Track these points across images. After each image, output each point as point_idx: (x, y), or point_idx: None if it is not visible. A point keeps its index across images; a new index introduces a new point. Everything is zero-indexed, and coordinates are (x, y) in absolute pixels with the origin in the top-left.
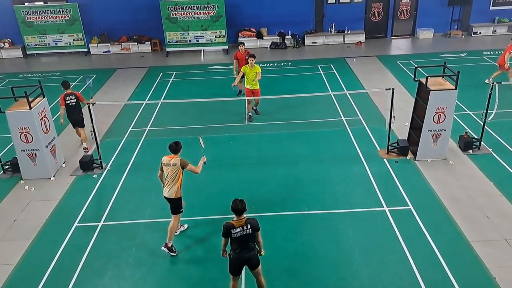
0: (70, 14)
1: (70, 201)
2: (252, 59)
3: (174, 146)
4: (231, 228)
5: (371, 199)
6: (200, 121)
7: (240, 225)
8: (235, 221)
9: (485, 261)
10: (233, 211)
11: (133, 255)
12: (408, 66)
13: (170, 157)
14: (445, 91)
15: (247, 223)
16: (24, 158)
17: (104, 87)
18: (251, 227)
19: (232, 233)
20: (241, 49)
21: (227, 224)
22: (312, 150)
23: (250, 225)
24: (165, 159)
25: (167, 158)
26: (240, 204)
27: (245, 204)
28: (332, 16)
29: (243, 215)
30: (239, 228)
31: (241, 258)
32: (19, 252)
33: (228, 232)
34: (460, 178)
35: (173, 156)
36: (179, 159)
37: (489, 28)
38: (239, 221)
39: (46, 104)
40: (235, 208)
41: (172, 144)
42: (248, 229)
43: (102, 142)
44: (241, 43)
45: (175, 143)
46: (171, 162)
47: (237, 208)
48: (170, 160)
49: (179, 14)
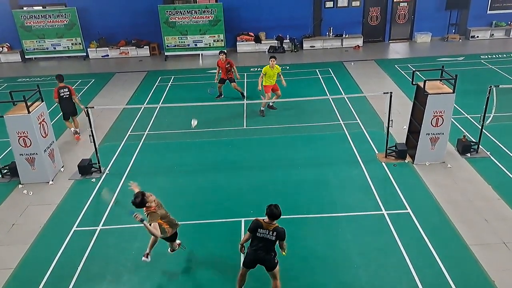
0: (69, 18)
1: (68, 205)
2: (273, 60)
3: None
4: (259, 227)
5: (369, 202)
6: (198, 125)
7: (268, 228)
8: (266, 223)
9: (483, 265)
10: (269, 216)
11: (132, 260)
12: (406, 70)
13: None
14: (443, 95)
15: (274, 230)
16: (23, 162)
17: (103, 91)
18: (276, 235)
19: (258, 232)
20: (222, 57)
21: (257, 221)
22: (310, 154)
23: (277, 233)
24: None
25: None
26: (276, 209)
27: (280, 210)
28: (330, 20)
29: (275, 221)
30: (266, 230)
31: (256, 257)
32: (17, 256)
33: (255, 229)
34: (458, 181)
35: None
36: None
37: (487, 32)
38: (269, 225)
39: (44, 108)
40: (270, 213)
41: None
42: (273, 236)
43: (101, 146)
44: (222, 52)
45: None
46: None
47: (272, 213)
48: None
49: (178, 19)
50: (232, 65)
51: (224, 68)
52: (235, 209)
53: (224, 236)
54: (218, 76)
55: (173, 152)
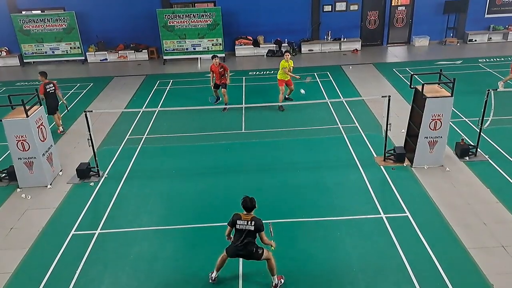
0: (67, 22)
1: (67, 209)
2: (288, 54)
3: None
4: (237, 219)
5: (368, 206)
6: (197, 129)
7: (246, 219)
8: (243, 215)
9: (482, 268)
10: (243, 208)
11: (130, 263)
12: (404, 74)
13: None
14: (441, 98)
15: (252, 220)
16: (21, 166)
17: (101, 95)
18: (254, 225)
19: (237, 224)
20: (215, 62)
21: (236, 214)
22: (309, 157)
23: (254, 223)
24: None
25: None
26: (250, 201)
27: (255, 202)
28: (328, 24)
29: (251, 212)
30: (244, 221)
31: (236, 251)
32: (15, 260)
33: (234, 222)
34: (457, 185)
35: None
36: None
37: (484, 36)
38: (246, 216)
39: (43, 112)
40: (244, 205)
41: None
42: (251, 226)
43: (99, 150)
44: (214, 56)
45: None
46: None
47: (247, 206)
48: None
49: (176, 23)
50: (226, 70)
51: (218, 72)
52: (233, 213)
53: (223, 240)
54: (213, 81)
55: (172, 156)
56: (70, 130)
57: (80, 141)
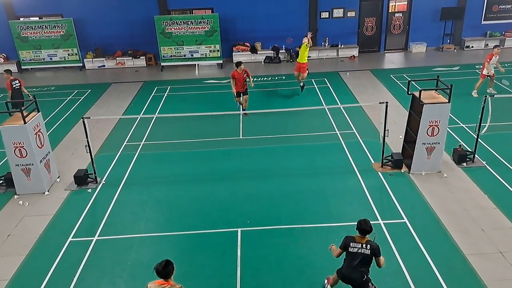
0: (65, 29)
1: (64, 215)
2: (306, 38)
3: (161, 269)
4: (351, 241)
5: (365, 212)
6: (194, 135)
7: (360, 242)
8: (357, 237)
9: (480, 274)
10: (358, 230)
11: (128, 270)
12: (401, 80)
13: (161, 284)
14: (438, 105)
15: (367, 243)
16: (18, 173)
17: (99, 102)
18: (370, 249)
19: (350, 246)
20: (240, 69)
21: (349, 237)
22: (306, 164)
23: (370, 246)
24: (153, 287)
25: (156, 286)
26: (365, 224)
27: (370, 224)
28: (326, 31)
29: (366, 236)
30: (359, 244)
31: (346, 276)
32: (12, 267)
33: (347, 244)
34: (454, 191)
35: (166, 282)
36: (179, 287)
37: (481, 42)
38: (361, 239)
39: (40, 119)
40: (359, 227)
41: (159, 267)
42: (366, 249)
43: (97, 156)
44: (239, 63)
45: (164, 265)
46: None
47: (362, 228)
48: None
49: (174, 29)
50: (248, 75)
51: (242, 79)
52: (231, 219)
53: (221, 247)
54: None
55: (169, 162)
56: (67, 137)
57: (78, 148)
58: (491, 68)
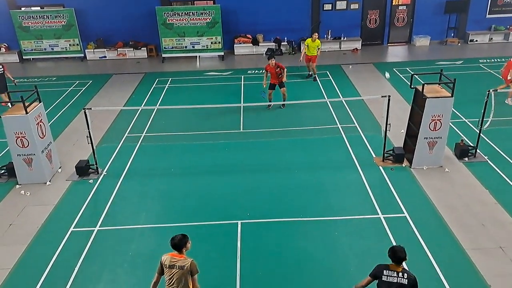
0: (67, 19)
1: (66, 206)
2: (316, 34)
3: (178, 241)
4: (384, 269)
5: (366, 206)
6: (195, 128)
7: (396, 270)
8: (392, 265)
9: (480, 269)
10: (393, 259)
11: (129, 261)
12: (404, 74)
13: (175, 256)
14: (441, 99)
15: (404, 272)
16: (20, 163)
17: (100, 93)
18: (408, 279)
19: (384, 275)
20: (272, 63)
21: (381, 265)
22: (307, 157)
23: (408, 276)
24: (167, 259)
25: (170, 258)
26: (400, 252)
27: (405, 252)
28: (328, 23)
29: (402, 264)
30: (394, 272)
31: None
32: (14, 256)
33: (379, 272)
34: (455, 186)
35: (178, 255)
36: (189, 261)
37: (486, 36)
38: (396, 267)
39: (42, 109)
40: (394, 256)
41: (175, 239)
42: (403, 279)
43: (98, 147)
44: (272, 56)
45: (180, 238)
46: (178, 264)
47: (397, 256)
48: (177, 260)
49: (175, 20)
50: (283, 69)
51: (275, 73)
52: (231, 212)
53: (221, 238)
54: (266, 80)
55: (170, 154)
56: (69, 128)
57: (79, 139)
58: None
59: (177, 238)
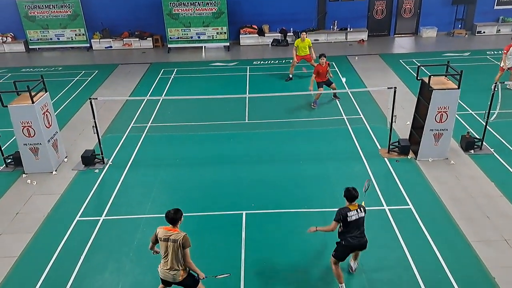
0: (73, 9)
1: (72, 195)
2: (304, 33)
3: (172, 215)
4: (347, 211)
5: (371, 198)
6: (200, 118)
7: (355, 209)
8: (351, 205)
9: (484, 261)
10: (349, 198)
11: (134, 250)
12: (411, 65)
13: (169, 230)
14: (447, 91)
15: (359, 207)
16: (26, 152)
17: (106, 83)
18: (363, 211)
19: (348, 216)
20: (322, 62)
21: (343, 209)
22: (313, 149)
23: (362, 208)
24: (161, 232)
25: (164, 231)
26: (354, 191)
27: (358, 192)
28: (335, 14)
29: (354, 201)
30: (354, 211)
31: (357, 245)
32: (21, 245)
33: (344, 215)
34: (461, 178)
35: (172, 229)
36: (182, 234)
37: (493, 28)
38: (353, 206)
39: (48, 98)
40: (350, 195)
41: (170, 212)
42: (361, 213)
43: (104, 137)
44: (323, 55)
45: (175, 211)
46: (172, 237)
47: (352, 195)
48: (170, 234)
49: (181, 10)
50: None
51: (325, 72)
52: (236, 202)
53: (226, 229)
54: (313, 84)
55: (175, 144)
56: (75, 117)
57: (85, 129)
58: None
59: (173, 212)
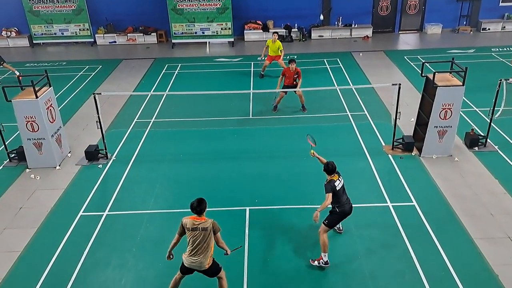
0: (77, 3)
1: (75, 190)
2: (276, 34)
3: (196, 205)
4: (334, 183)
5: (375, 194)
6: (204, 114)
7: (336, 178)
8: (333, 176)
9: (488, 259)
10: (327, 172)
11: (137, 245)
12: (415, 62)
13: (196, 219)
14: (452, 87)
15: (339, 176)
16: (30, 147)
17: (110, 78)
18: (342, 179)
19: (336, 185)
20: (292, 67)
21: (329, 182)
22: (317, 145)
23: (341, 177)
24: (189, 222)
25: (191, 221)
26: (333, 164)
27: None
28: (339, 10)
29: (333, 173)
30: (337, 180)
31: (348, 211)
32: (24, 240)
33: (333, 185)
34: (465, 175)
35: (199, 218)
36: (210, 221)
37: (498, 24)
38: (335, 177)
39: (52, 93)
40: (331, 169)
41: (194, 203)
42: (342, 181)
43: (108, 132)
44: (292, 60)
45: (198, 201)
46: (201, 226)
47: (333, 168)
48: (199, 223)
49: (185, 6)
50: (299, 76)
51: (292, 77)
52: (240, 198)
53: (229, 224)
54: (281, 84)
55: (179, 140)
56: (78, 112)
57: (89, 124)
58: None
59: (196, 203)
